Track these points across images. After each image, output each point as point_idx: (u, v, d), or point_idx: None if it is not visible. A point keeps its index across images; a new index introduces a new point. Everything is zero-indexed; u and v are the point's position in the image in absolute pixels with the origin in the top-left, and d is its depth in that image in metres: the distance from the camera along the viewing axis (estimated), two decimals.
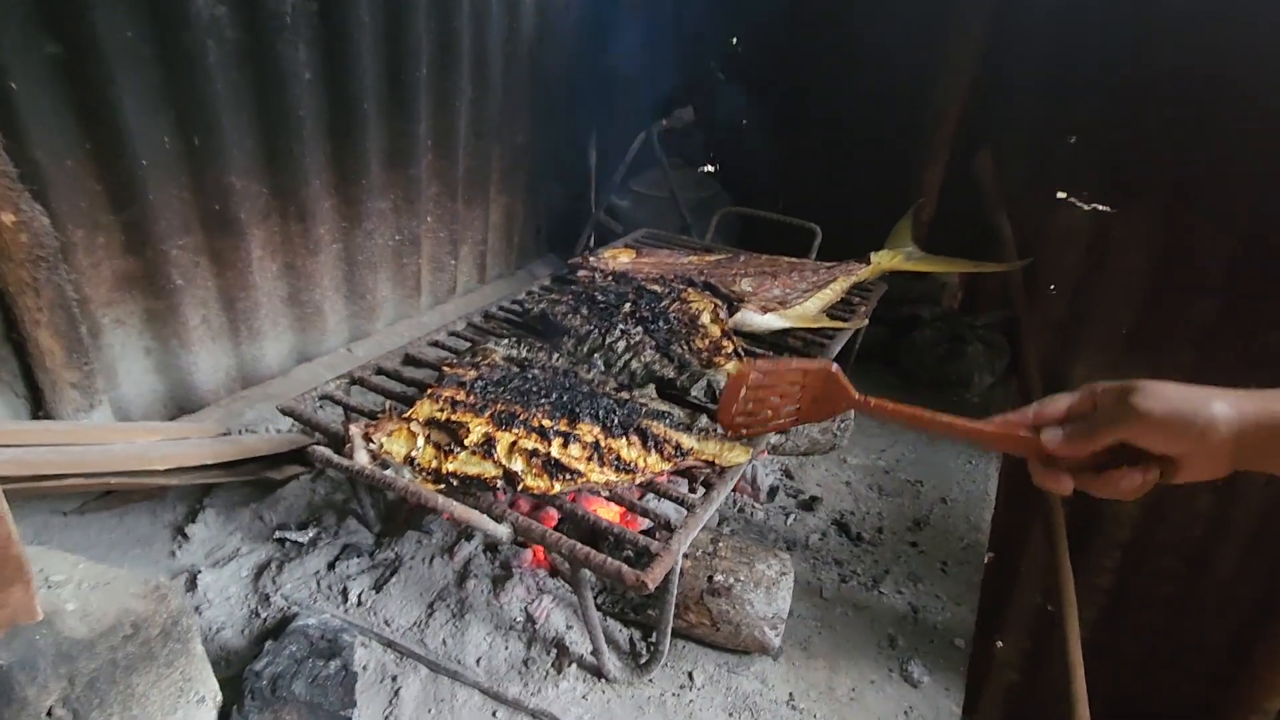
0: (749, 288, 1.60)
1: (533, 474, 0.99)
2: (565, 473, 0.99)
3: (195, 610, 1.17)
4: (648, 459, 1.04)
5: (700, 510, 1.00)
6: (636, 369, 1.28)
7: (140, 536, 1.34)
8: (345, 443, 1.02)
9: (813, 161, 2.50)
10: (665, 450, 1.05)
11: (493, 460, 0.99)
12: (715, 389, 1.23)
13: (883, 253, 1.86)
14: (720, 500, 1.04)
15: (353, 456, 1.00)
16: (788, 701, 1.09)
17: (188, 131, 1.48)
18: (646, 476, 1.03)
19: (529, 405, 1.09)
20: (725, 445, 1.08)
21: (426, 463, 1.00)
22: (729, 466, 1.06)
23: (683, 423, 1.12)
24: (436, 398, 1.10)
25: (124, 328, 1.55)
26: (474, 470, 0.99)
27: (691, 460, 1.06)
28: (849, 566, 1.37)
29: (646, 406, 1.14)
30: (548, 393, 1.13)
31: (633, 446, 1.05)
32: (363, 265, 1.94)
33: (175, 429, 1.51)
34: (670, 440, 1.06)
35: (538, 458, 1.00)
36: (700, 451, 1.07)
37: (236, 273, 1.67)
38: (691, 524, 0.97)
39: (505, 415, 1.06)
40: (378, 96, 1.80)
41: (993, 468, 1.72)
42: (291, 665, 0.98)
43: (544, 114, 2.41)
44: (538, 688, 1.08)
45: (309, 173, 1.71)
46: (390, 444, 1.02)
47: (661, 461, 1.04)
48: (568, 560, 0.94)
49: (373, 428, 1.04)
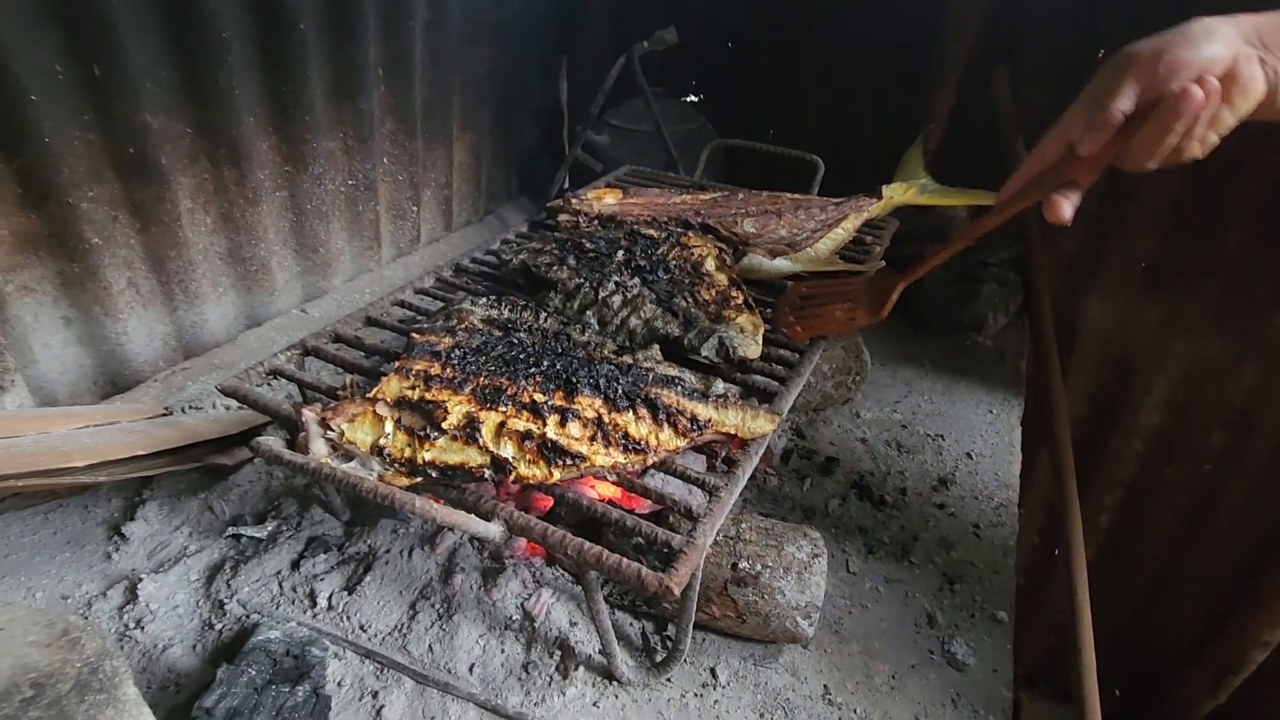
0: (752, 229, 1.43)
1: (526, 460, 0.82)
2: (565, 457, 0.83)
3: (137, 625, 1.01)
4: (660, 435, 0.88)
5: (725, 494, 0.85)
6: (636, 326, 1.11)
7: (70, 537, 1.17)
8: (298, 430, 0.85)
9: (811, 85, 2.28)
10: (679, 424, 0.89)
11: (478, 446, 0.83)
12: (729, 347, 1.06)
13: (894, 185, 1.68)
14: (746, 478, 0.90)
15: (308, 448, 0.82)
16: (823, 696, 0.97)
17: (84, 57, 1.23)
18: (659, 456, 0.87)
19: (517, 377, 0.92)
20: (748, 413, 0.92)
21: (398, 452, 0.83)
22: (753, 439, 0.91)
23: (696, 389, 0.96)
24: (406, 372, 0.92)
25: (33, 295, 1.33)
26: (455, 459, 0.82)
27: (710, 434, 0.90)
28: (874, 534, 1.25)
29: (654, 372, 0.98)
30: (538, 360, 0.95)
31: (641, 421, 0.89)
32: (312, 214, 1.71)
33: (103, 412, 1.31)
34: (685, 411, 0.90)
35: (531, 440, 0.83)
36: (720, 423, 0.91)
37: (163, 227, 1.45)
38: (717, 510, 0.83)
39: (489, 390, 0.89)
40: (316, 16, 1.54)
41: (1015, 415, 1.60)
42: (250, 696, 0.83)
43: (510, 38, 2.15)
44: (541, 696, 0.95)
45: (240, 108, 1.47)
46: (353, 431, 0.85)
47: (676, 437, 0.89)
48: (576, 563, 0.79)
49: (331, 411, 0.86)
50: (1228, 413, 2.07)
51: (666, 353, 1.06)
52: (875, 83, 2.14)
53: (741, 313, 1.14)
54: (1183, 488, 2.21)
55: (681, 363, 1.04)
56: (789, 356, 1.11)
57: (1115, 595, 2.47)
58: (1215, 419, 2.07)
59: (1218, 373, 2.03)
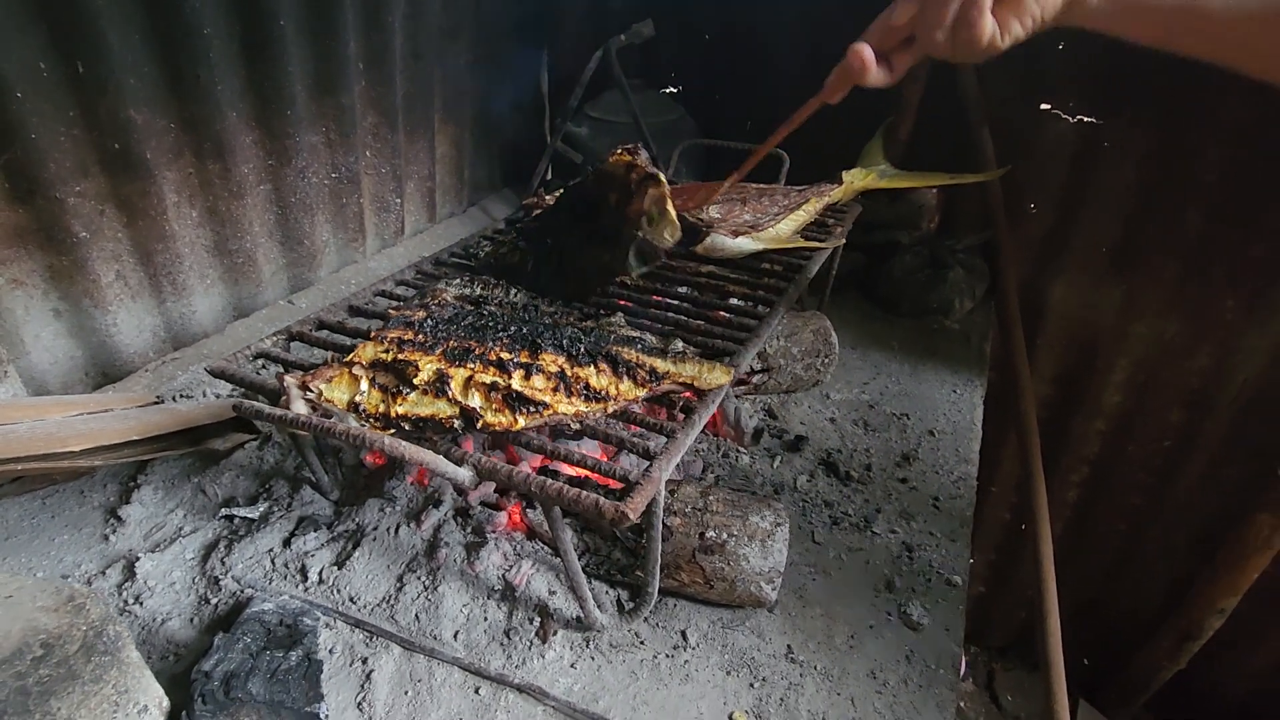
0: (718, 214, 1.48)
1: (493, 409, 0.88)
2: (529, 405, 0.88)
3: (136, 600, 1.06)
4: (620, 386, 0.94)
5: (681, 435, 0.91)
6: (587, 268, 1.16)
7: (68, 520, 1.21)
8: (280, 395, 0.90)
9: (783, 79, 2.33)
10: (638, 376, 0.95)
11: (447, 398, 0.88)
12: (647, 248, 1.12)
13: (855, 170, 1.75)
14: (701, 424, 0.95)
15: (289, 409, 0.87)
16: (786, 655, 1.04)
17: (68, 54, 1.26)
18: (620, 404, 0.93)
19: (485, 340, 0.97)
20: (704, 366, 0.98)
21: (373, 408, 0.89)
22: (709, 390, 0.97)
23: (656, 348, 1.02)
24: (381, 339, 0.98)
25: (23, 288, 1.37)
26: (426, 411, 0.88)
27: (667, 384, 0.96)
28: (839, 508, 1.32)
29: (615, 334, 1.04)
30: (505, 327, 1.01)
31: (602, 374, 0.95)
32: (297, 207, 1.75)
33: (96, 400, 1.35)
34: (644, 365, 0.96)
35: (497, 391, 0.89)
36: (677, 374, 0.97)
37: (150, 221, 1.48)
38: (673, 449, 0.89)
39: (459, 351, 0.94)
40: (296, 11, 1.57)
41: (978, 396, 1.68)
42: (246, 660, 0.88)
43: (489, 31, 2.18)
44: (522, 659, 1.01)
45: (223, 102, 1.50)
46: (331, 391, 0.90)
47: (635, 388, 0.94)
48: (539, 500, 0.85)
49: (310, 375, 0.92)
50: (1185, 391, 2.18)
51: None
52: None
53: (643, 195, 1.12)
54: (1144, 464, 2.32)
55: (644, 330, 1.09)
56: (751, 323, 1.18)
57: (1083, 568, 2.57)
58: (1174, 398, 2.17)
59: (1176, 353, 2.13)
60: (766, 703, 0.98)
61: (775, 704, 0.98)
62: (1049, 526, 1.82)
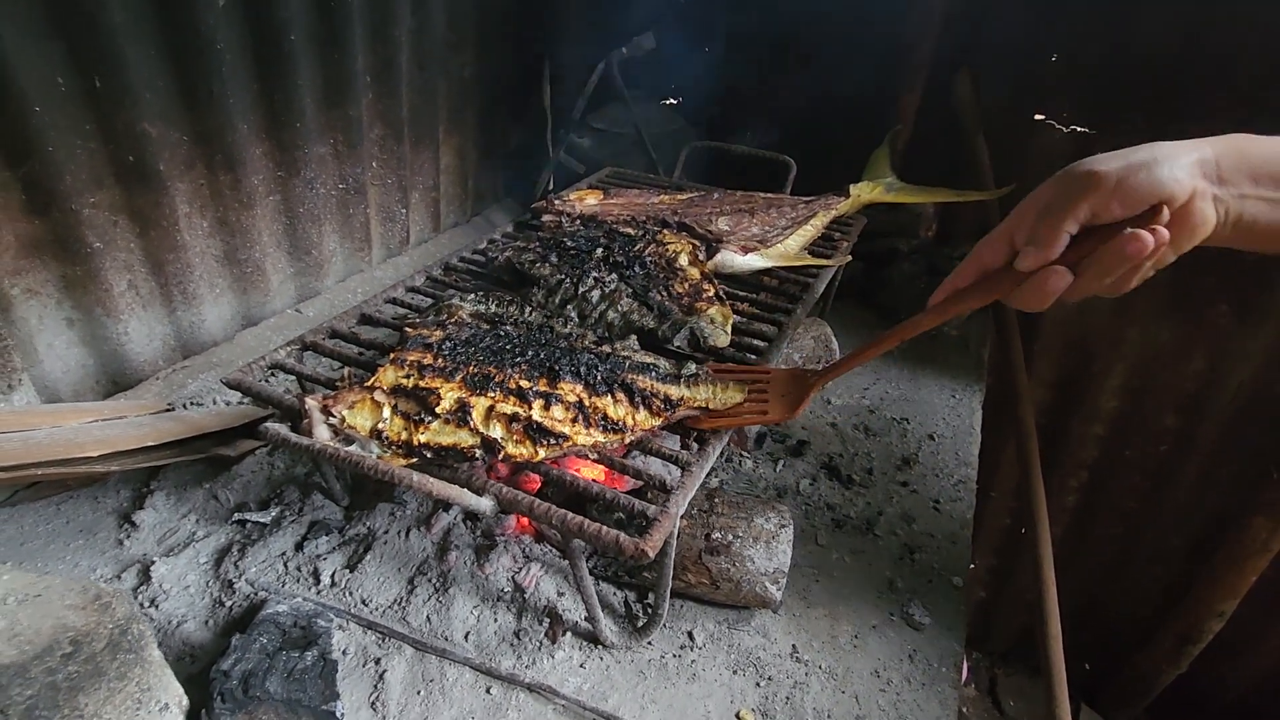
0: (726, 227, 1.51)
1: (514, 440, 0.90)
2: (549, 436, 0.91)
3: (152, 603, 1.08)
4: (636, 416, 0.97)
5: (696, 468, 0.94)
6: (614, 319, 1.19)
7: (83, 526, 1.23)
8: (302, 417, 0.92)
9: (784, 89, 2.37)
10: (654, 405, 0.98)
11: (469, 428, 0.90)
12: (700, 337, 1.15)
13: (861, 184, 1.78)
14: (716, 454, 0.98)
15: (312, 433, 0.90)
16: (791, 654, 1.06)
17: (85, 69, 1.29)
18: (636, 435, 0.95)
19: (504, 365, 1.00)
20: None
21: (395, 435, 0.91)
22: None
23: (670, 374, 1.04)
24: (401, 363, 1.00)
25: (38, 297, 1.39)
26: (449, 440, 0.90)
27: (683, 411, 0.99)
28: (842, 510, 1.34)
29: (630, 360, 1.06)
30: (523, 351, 1.04)
31: (619, 404, 0.97)
32: (305, 218, 1.78)
33: (110, 408, 1.37)
34: (659, 394, 0.99)
35: (518, 422, 0.91)
36: (691, 399, 1.00)
37: (162, 231, 1.51)
38: (689, 483, 0.91)
39: (479, 378, 0.97)
40: (305, 27, 1.60)
41: (976, 400, 1.70)
42: (263, 660, 0.90)
43: (493, 43, 2.22)
44: (532, 659, 1.02)
45: (234, 115, 1.53)
46: (353, 417, 0.92)
47: (651, 417, 0.97)
48: (559, 532, 0.87)
49: (332, 399, 0.93)
50: (1180, 396, 2.20)
51: (644, 343, 1.15)
52: (845, 87, 2.24)
53: (712, 304, 1.22)
54: (1141, 468, 2.34)
55: (658, 353, 1.12)
56: (759, 345, 1.20)
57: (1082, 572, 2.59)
58: (1169, 402, 2.20)
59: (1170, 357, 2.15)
60: (772, 701, 1.00)
61: (781, 702, 0.99)
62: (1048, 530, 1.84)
